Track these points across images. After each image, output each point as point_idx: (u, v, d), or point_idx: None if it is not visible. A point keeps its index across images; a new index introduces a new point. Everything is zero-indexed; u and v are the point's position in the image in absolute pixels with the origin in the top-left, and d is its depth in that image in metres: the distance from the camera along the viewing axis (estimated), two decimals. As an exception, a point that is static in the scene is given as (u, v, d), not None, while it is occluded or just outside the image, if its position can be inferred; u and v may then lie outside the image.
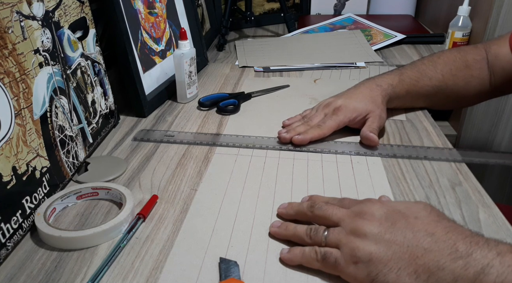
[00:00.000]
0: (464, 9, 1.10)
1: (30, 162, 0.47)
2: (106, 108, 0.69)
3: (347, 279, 0.39)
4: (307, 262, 0.41)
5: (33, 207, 0.48)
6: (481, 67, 0.70)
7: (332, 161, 0.61)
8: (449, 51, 0.74)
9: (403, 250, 0.36)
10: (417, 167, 0.59)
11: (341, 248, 0.39)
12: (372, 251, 0.37)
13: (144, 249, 0.45)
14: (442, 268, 0.34)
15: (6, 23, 0.44)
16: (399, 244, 0.37)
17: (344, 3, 1.47)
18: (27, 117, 0.47)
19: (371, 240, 0.38)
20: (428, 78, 0.71)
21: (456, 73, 0.71)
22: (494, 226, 0.48)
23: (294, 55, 1.08)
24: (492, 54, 0.70)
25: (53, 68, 0.53)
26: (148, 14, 0.82)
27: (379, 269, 0.36)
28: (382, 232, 0.38)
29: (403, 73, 0.72)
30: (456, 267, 0.34)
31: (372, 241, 0.38)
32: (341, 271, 0.39)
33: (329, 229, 0.42)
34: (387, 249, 0.37)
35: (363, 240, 0.38)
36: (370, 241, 0.38)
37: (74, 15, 0.60)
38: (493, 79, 0.70)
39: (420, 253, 0.35)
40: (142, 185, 0.56)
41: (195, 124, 0.74)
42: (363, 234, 0.39)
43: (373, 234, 0.38)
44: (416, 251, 0.36)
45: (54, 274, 0.42)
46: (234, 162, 0.61)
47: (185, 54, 0.77)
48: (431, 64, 0.72)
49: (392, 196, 0.53)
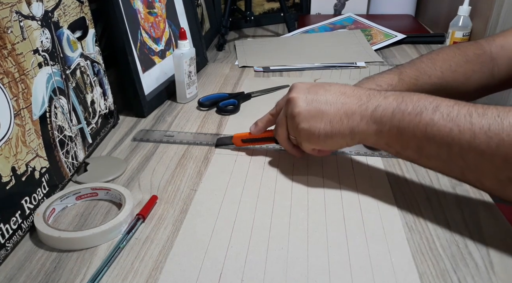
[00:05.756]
0: (464, 9, 1.10)
1: (30, 162, 0.47)
2: (105, 109, 0.69)
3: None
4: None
5: (32, 208, 0.48)
6: (483, 61, 0.70)
7: (332, 161, 0.61)
8: (449, 48, 0.73)
9: (329, 107, 0.51)
10: (418, 167, 0.59)
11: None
12: (303, 113, 0.52)
13: (143, 249, 0.45)
14: (354, 112, 0.49)
15: (6, 23, 0.44)
16: (326, 104, 0.51)
17: (344, 3, 1.47)
18: (27, 117, 0.47)
19: (302, 111, 0.52)
20: (427, 76, 0.70)
21: (456, 69, 0.70)
22: (494, 226, 0.47)
23: (294, 55, 1.07)
24: (497, 45, 0.69)
25: (52, 68, 0.53)
26: (148, 14, 0.82)
27: (317, 122, 0.51)
28: (309, 101, 0.52)
29: (402, 72, 0.71)
30: (361, 110, 0.49)
31: (304, 112, 0.52)
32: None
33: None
34: (318, 110, 0.51)
35: (297, 114, 0.53)
36: (302, 113, 0.52)
37: (74, 15, 0.60)
38: (497, 71, 0.70)
39: (340, 106, 0.50)
40: (142, 185, 0.56)
41: (194, 124, 0.73)
42: (297, 113, 0.53)
43: (303, 107, 0.52)
44: (337, 106, 0.51)
45: (53, 274, 0.42)
46: (234, 162, 0.61)
47: (184, 54, 0.77)
48: (430, 61, 0.71)
49: (392, 196, 0.53)
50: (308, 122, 0.52)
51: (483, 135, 0.40)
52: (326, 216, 0.50)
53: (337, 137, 0.51)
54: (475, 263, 0.42)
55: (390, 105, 0.47)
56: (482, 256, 0.43)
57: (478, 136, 0.41)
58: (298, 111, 0.52)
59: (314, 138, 0.52)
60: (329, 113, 0.51)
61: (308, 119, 0.52)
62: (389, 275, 0.41)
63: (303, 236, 0.46)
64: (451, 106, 0.43)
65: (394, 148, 0.48)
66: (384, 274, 0.41)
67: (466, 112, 0.42)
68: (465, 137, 0.41)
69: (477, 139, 0.41)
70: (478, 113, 0.42)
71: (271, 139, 0.63)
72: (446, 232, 0.47)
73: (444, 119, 0.43)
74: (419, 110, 0.45)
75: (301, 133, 0.53)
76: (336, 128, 0.50)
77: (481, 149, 0.41)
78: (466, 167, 0.43)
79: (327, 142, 0.52)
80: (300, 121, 0.52)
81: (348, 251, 0.44)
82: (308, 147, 0.55)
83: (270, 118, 0.62)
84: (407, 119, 0.45)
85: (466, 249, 0.44)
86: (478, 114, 0.41)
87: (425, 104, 0.45)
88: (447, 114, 0.43)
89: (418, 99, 0.46)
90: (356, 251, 0.44)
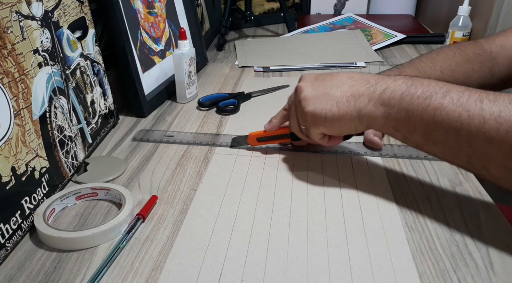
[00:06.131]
0: (464, 9, 1.10)
1: (30, 162, 0.47)
2: (105, 109, 0.69)
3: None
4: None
5: (32, 208, 0.48)
6: (482, 61, 0.70)
7: (332, 161, 0.61)
8: (448, 47, 0.73)
9: (335, 90, 0.51)
10: (418, 167, 0.59)
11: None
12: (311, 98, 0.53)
13: (143, 249, 0.45)
14: (361, 94, 0.49)
15: (5, 23, 0.44)
16: (332, 87, 0.52)
17: (344, 3, 1.47)
18: (26, 117, 0.47)
19: (308, 95, 0.53)
20: (427, 76, 0.70)
21: (456, 68, 0.70)
22: (494, 226, 0.47)
23: (294, 55, 1.07)
24: (498, 45, 0.69)
25: (52, 68, 0.53)
26: (148, 14, 0.82)
27: (322, 104, 0.52)
28: (315, 86, 0.53)
29: (402, 72, 0.71)
30: (369, 92, 0.49)
31: (310, 96, 0.52)
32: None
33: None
34: (324, 93, 0.52)
35: (305, 100, 0.53)
36: (308, 97, 0.53)
37: (74, 15, 0.60)
38: (497, 71, 0.70)
39: (347, 89, 0.51)
40: (142, 185, 0.56)
41: (194, 124, 0.73)
42: (303, 97, 0.53)
43: (309, 92, 0.53)
44: (344, 88, 0.51)
45: (53, 274, 0.42)
46: (234, 162, 0.61)
47: (184, 54, 0.77)
48: (430, 61, 0.71)
49: (392, 196, 0.53)
50: (313, 105, 0.52)
51: (493, 121, 0.40)
52: (326, 216, 0.50)
53: (344, 120, 0.50)
54: (475, 263, 0.42)
55: (399, 88, 0.47)
56: (482, 256, 0.43)
57: (487, 122, 0.40)
58: (304, 95, 0.53)
59: (321, 120, 0.52)
60: (336, 95, 0.51)
61: (313, 102, 0.52)
62: (389, 275, 0.41)
63: (303, 236, 0.46)
64: (461, 91, 0.43)
65: (401, 132, 0.48)
66: (384, 274, 0.41)
67: (477, 98, 0.42)
68: (474, 123, 0.41)
69: (486, 125, 0.40)
70: (489, 99, 0.41)
71: (286, 137, 0.62)
72: (446, 232, 0.47)
73: (453, 104, 0.42)
74: (429, 94, 0.44)
75: (307, 117, 0.53)
76: (343, 109, 0.50)
77: (490, 135, 0.40)
78: (473, 154, 0.42)
79: (334, 125, 0.51)
80: (305, 105, 0.52)
81: (348, 251, 0.44)
82: (316, 132, 0.54)
83: (284, 113, 0.61)
84: (416, 103, 0.45)
85: (466, 249, 0.44)
86: (489, 100, 0.41)
87: (435, 89, 0.44)
88: (457, 99, 0.42)
89: (428, 84, 0.45)
90: (356, 251, 0.44)
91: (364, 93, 0.49)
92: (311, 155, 0.63)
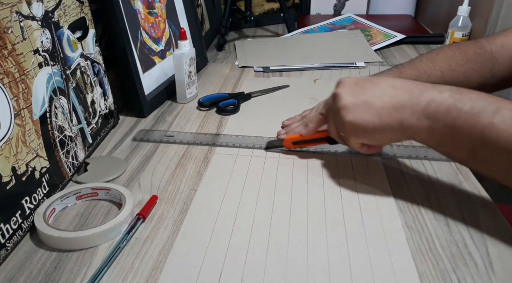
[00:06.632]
0: (464, 9, 1.10)
1: (30, 162, 0.47)
2: (105, 109, 0.69)
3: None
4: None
5: (32, 208, 0.48)
6: (483, 60, 0.70)
7: (332, 161, 0.61)
8: (448, 47, 0.73)
9: (376, 100, 0.48)
10: (417, 167, 0.59)
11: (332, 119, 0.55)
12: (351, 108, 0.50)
13: (143, 249, 0.45)
14: (404, 105, 0.47)
15: (6, 23, 0.44)
16: (373, 96, 0.49)
17: (344, 3, 1.47)
18: (27, 117, 0.47)
19: (347, 103, 0.50)
20: (427, 76, 0.70)
21: (456, 68, 0.70)
22: (494, 226, 0.47)
23: (294, 55, 1.08)
24: (498, 44, 0.69)
25: (52, 68, 0.53)
26: (148, 14, 0.82)
27: (362, 114, 0.49)
28: (355, 94, 0.50)
29: (402, 72, 0.71)
30: (412, 103, 0.46)
31: (349, 105, 0.50)
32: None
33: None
34: (364, 102, 0.49)
35: (344, 108, 0.50)
36: (349, 106, 0.50)
37: (74, 15, 0.60)
38: (497, 70, 0.70)
39: (388, 99, 0.48)
40: (142, 185, 0.56)
41: (194, 124, 0.73)
42: (342, 106, 0.50)
43: (348, 100, 0.50)
44: (385, 98, 0.48)
45: (53, 274, 0.42)
46: (234, 162, 0.61)
47: (184, 54, 0.77)
48: (430, 61, 0.71)
49: (392, 196, 0.53)
50: (353, 115, 0.49)
51: None
52: (326, 216, 0.50)
53: (386, 132, 0.48)
54: (474, 263, 0.43)
55: (446, 101, 0.44)
56: (482, 256, 0.43)
57: None
58: (343, 103, 0.50)
59: (361, 131, 0.50)
60: (377, 106, 0.48)
61: (353, 111, 0.49)
62: (389, 275, 0.41)
63: (303, 236, 0.46)
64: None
65: (445, 147, 0.46)
66: (384, 274, 0.41)
67: None
68: None
69: None
70: None
71: (323, 140, 0.60)
72: (445, 232, 0.47)
73: (505, 123, 0.40)
74: (477, 111, 0.42)
75: (347, 127, 0.51)
76: (384, 121, 0.48)
77: None
78: None
79: (375, 136, 0.50)
80: (345, 114, 0.50)
81: (348, 251, 0.44)
82: (355, 141, 0.52)
83: (321, 117, 0.58)
84: (463, 119, 0.42)
85: (466, 249, 0.44)
86: None
87: (484, 105, 0.42)
88: (509, 118, 0.40)
89: (477, 98, 0.43)
90: (356, 251, 0.44)
91: (407, 105, 0.46)
92: (311, 154, 0.63)
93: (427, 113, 0.45)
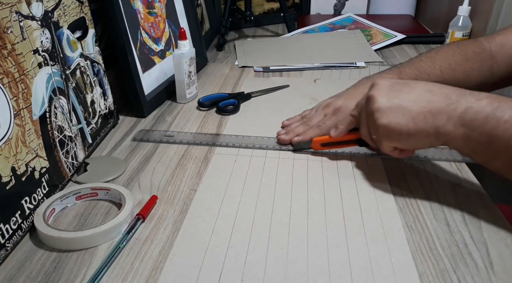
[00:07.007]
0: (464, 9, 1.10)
1: (29, 162, 0.47)
2: (105, 109, 0.69)
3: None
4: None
5: (32, 208, 0.48)
6: (482, 59, 0.69)
7: (332, 161, 0.61)
8: (448, 46, 0.73)
9: (412, 104, 0.48)
10: (418, 167, 0.59)
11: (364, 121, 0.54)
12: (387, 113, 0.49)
13: (143, 249, 0.45)
14: (440, 111, 0.46)
15: (5, 23, 0.44)
16: (409, 100, 0.48)
17: (344, 3, 1.47)
18: (26, 117, 0.47)
19: (382, 106, 0.49)
20: (426, 75, 0.70)
21: (455, 67, 0.70)
22: (494, 226, 0.47)
23: (294, 55, 1.07)
24: (497, 43, 0.69)
25: (52, 68, 0.53)
26: (148, 14, 0.82)
27: (397, 118, 0.49)
28: (390, 97, 0.49)
29: (402, 72, 0.71)
30: (449, 110, 0.46)
31: (384, 108, 0.49)
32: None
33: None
34: (399, 106, 0.48)
35: (378, 112, 0.50)
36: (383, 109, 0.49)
37: (74, 15, 0.60)
38: (497, 69, 0.69)
39: (425, 104, 0.47)
40: (142, 185, 0.56)
41: (194, 124, 0.73)
42: (376, 108, 0.50)
43: (383, 103, 0.50)
44: (421, 103, 0.47)
45: (53, 274, 0.42)
46: (234, 162, 0.61)
47: (184, 54, 0.77)
48: (430, 60, 0.71)
49: (392, 196, 0.53)
50: (387, 118, 0.49)
51: None
52: (326, 216, 0.50)
53: (421, 136, 0.48)
54: (474, 263, 0.42)
55: (484, 109, 0.43)
56: (482, 256, 0.43)
57: None
58: (378, 106, 0.49)
59: (395, 135, 0.49)
60: (412, 110, 0.47)
61: (387, 114, 0.49)
62: (389, 275, 0.41)
63: (303, 236, 0.46)
64: None
65: (481, 156, 0.45)
66: (384, 274, 0.41)
67: None
68: None
69: None
70: None
71: (353, 142, 0.60)
72: (445, 232, 0.47)
73: None
74: None
75: (380, 130, 0.50)
76: (420, 126, 0.47)
77: None
78: None
79: (409, 141, 0.49)
80: (379, 117, 0.49)
81: (348, 251, 0.44)
82: (388, 145, 0.52)
83: (352, 119, 0.58)
84: (501, 128, 0.42)
85: (466, 249, 0.44)
86: None
87: None
88: None
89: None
90: (356, 251, 0.44)
91: (443, 111, 0.46)
92: (311, 154, 0.63)
93: (463, 121, 0.44)
